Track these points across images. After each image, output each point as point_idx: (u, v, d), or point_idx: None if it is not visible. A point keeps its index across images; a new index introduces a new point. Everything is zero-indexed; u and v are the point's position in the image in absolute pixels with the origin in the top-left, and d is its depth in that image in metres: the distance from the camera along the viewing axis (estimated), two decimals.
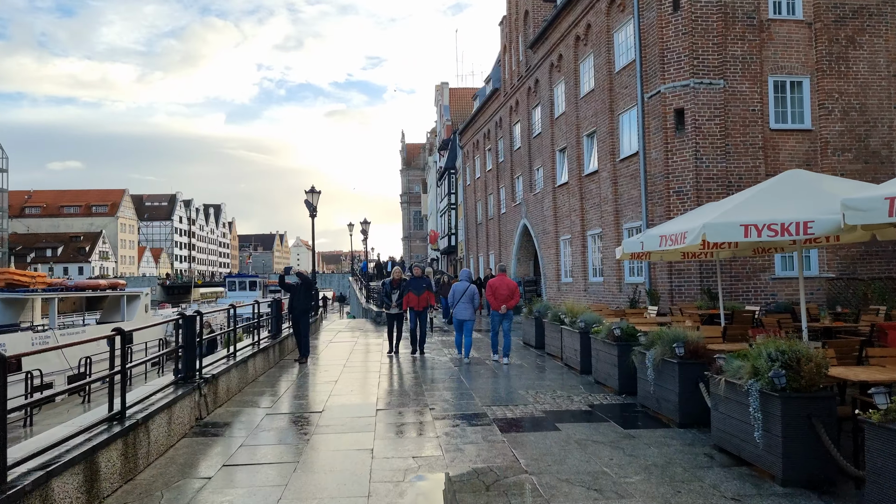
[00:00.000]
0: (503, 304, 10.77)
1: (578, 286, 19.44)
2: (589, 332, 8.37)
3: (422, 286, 11.80)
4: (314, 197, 16.32)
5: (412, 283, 11.80)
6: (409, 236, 76.88)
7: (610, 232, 17.17)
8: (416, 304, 11.68)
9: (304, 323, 11.19)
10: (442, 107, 51.31)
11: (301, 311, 11.16)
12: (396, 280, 12.13)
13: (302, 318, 11.17)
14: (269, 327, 11.67)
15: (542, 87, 22.64)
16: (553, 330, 10.41)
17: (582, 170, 19.23)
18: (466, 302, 11.27)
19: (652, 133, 14.93)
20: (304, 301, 11.12)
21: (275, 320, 11.95)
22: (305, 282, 11.17)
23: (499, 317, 10.92)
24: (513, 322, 11.18)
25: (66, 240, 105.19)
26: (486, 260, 31.43)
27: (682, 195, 14.12)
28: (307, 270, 11.45)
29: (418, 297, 11.64)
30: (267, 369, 9.96)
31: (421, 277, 12.05)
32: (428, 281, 12.13)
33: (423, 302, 11.73)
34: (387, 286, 12.14)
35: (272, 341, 11.08)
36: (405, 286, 11.87)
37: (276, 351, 11.05)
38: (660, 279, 14.45)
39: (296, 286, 11.29)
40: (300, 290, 11.21)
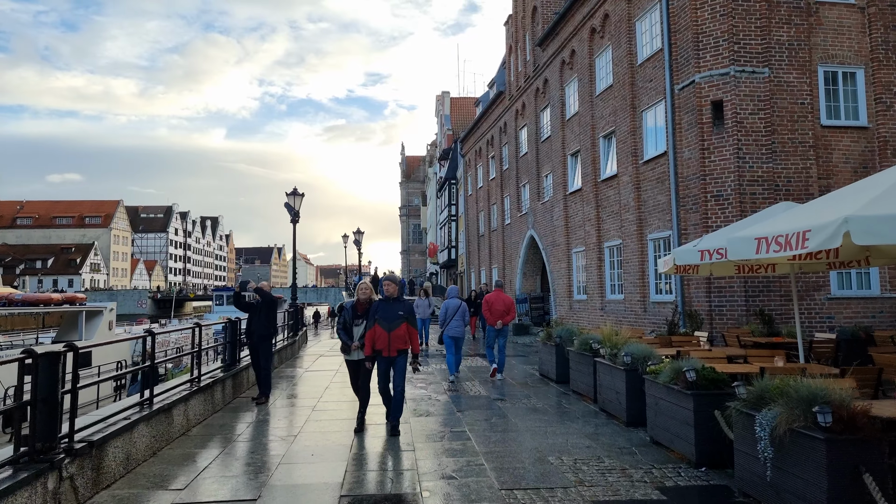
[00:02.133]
0: (499, 319, 10.77)
1: (594, 304, 17.43)
2: (640, 372, 6.34)
3: (396, 314, 6.83)
4: (296, 200, 14.40)
5: (380, 310, 6.90)
6: (407, 250, 75.00)
7: (631, 243, 15.20)
8: (384, 346, 6.74)
9: (265, 351, 8.66)
10: (443, 116, 49.65)
11: (260, 337, 8.62)
12: (363, 303, 7.15)
13: (262, 344, 8.61)
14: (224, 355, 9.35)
15: (552, 87, 20.81)
16: (582, 362, 8.37)
17: (598, 174, 17.32)
18: (458, 319, 11.12)
19: (684, 130, 13.03)
20: (266, 324, 8.69)
21: (230, 347, 9.29)
22: (266, 300, 8.83)
23: (495, 332, 10.99)
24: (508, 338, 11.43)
25: (58, 251, 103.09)
26: (489, 274, 29.41)
27: (722, 200, 12.18)
28: (269, 285, 9.10)
29: (388, 332, 6.74)
30: (209, 415, 7.42)
31: (397, 300, 7.02)
32: (407, 306, 7.04)
33: (397, 342, 6.79)
34: (346, 313, 7.30)
35: (225, 374, 8.57)
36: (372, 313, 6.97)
37: (227, 387, 8.46)
38: (696, 297, 12.45)
39: (255, 305, 8.83)
40: (260, 309, 8.74)
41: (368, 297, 7.21)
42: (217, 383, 7.88)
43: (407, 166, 77.54)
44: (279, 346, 12.88)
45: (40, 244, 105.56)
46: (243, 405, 8.33)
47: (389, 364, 6.90)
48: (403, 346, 6.86)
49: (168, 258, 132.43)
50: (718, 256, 7.01)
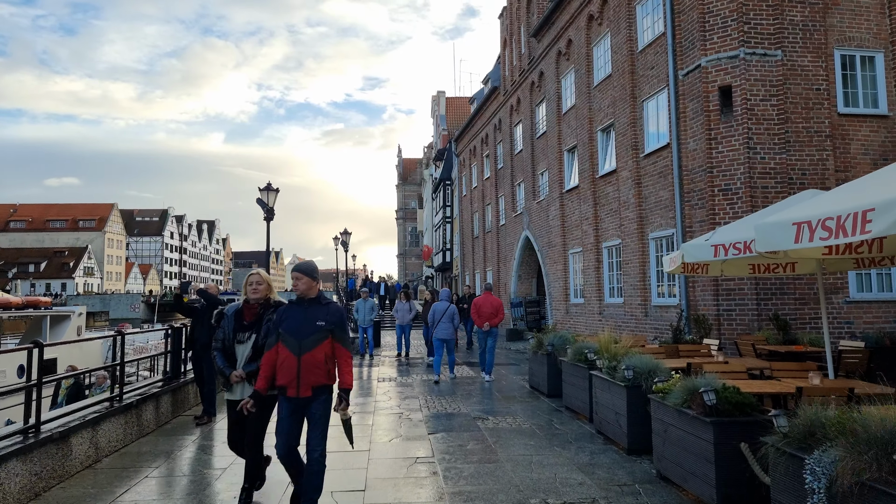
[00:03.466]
0: (486, 321, 11.03)
1: (591, 308, 16.35)
2: (644, 389, 5.26)
3: (313, 325, 4.15)
4: (270, 196, 13.33)
5: (287, 319, 4.21)
6: (404, 253, 73.96)
7: (632, 243, 14.14)
8: (289, 379, 4.11)
9: (210, 363, 7.20)
10: (438, 116, 48.67)
11: (204, 346, 7.30)
12: (252, 307, 4.64)
13: (206, 355, 7.27)
14: (167, 367, 8.12)
15: (548, 80, 19.78)
16: (576, 375, 7.25)
17: (596, 170, 16.27)
18: (447, 322, 11.26)
19: (689, 119, 12.00)
20: (210, 331, 7.53)
21: (173, 357, 7.97)
22: (211, 303, 7.52)
23: (483, 334, 11.20)
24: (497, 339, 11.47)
25: (51, 255, 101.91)
26: (484, 277, 28.33)
27: (731, 194, 11.13)
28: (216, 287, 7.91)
29: (298, 355, 4.10)
30: (131, 440, 6.17)
31: (316, 303, 4.27)
32: (334, 313, 4.25)
33: (312, 372, 4.13)
34: (226, 324, 4.67)
35: (164, 388, 7.27)
36: (274, 324, 4.28)
37: (163, 405, 7.17)
38: (702, 301, 11.39)
39: (198, 309, 7.52)
40: (203, 315, 7.37)
41: (263, 297, 4.56)
42: (148, 401, 6.71)
43: (403, 169, 76.65)
44: None
45: (33, 248, 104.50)
46: (181, 427, 7.15)
47: (298, 411, 4.10)
48: (324, 381, 4.08)
49: (163, 262, 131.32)
50: (736, 252, 5.95)
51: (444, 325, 11.15)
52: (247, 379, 4.52)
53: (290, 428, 4.16)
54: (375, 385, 10.53)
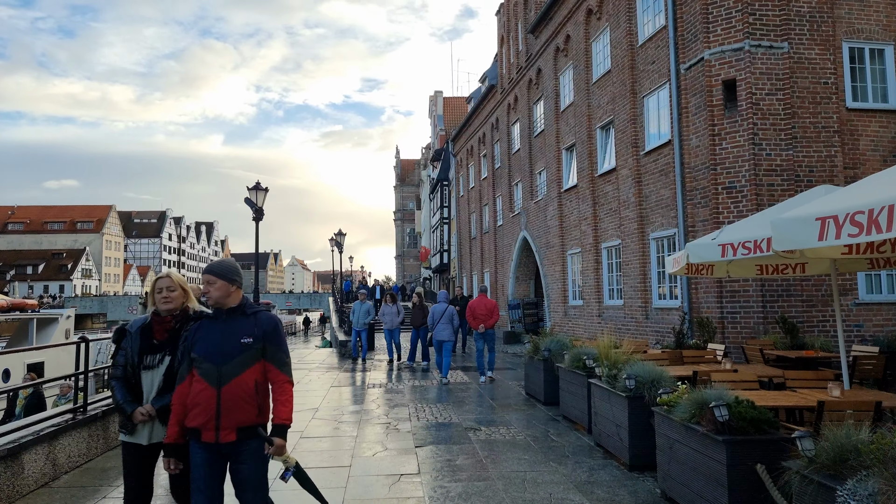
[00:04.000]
0: (482, 323, 11.20)
1: (590, 310, 15.90)
2: (648, 401, 4.82)
3: (235, 344, 3.06)
4: (258, 195, 12.87)
5: (201, 338, 3.12)
6: (402, 255, 73.54)
7: (632, 243, 13.71)
8: (206, 419, 2.99)
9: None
10: (436, 117, 48.28)
11: None
12: (164, 323, 3.38)
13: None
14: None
15: (546, 77, 19.36)
16: (574, 383, 6.79)
17: (595, 169, 15.84)
18: (446, 323, 11.33)
19: (691, 114, 11.57)
20: None
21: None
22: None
23: (480, 336, 11.35)
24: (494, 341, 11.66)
25: (49, 257, 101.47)
26: (481, 279, 27.89)
27: (735, 192, 10.70)
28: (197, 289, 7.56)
29: (218, 386, 3.01)
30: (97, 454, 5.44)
31: (239, 313, 3.17)
32: (264, 324, 3.14)
33: (238, 408, 3.01)
34: (128, 344, 3.39)
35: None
36: (187, 343, 3.18)
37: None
38: (705, 303, 10.95)
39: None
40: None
41: (178, 308, 3.37)
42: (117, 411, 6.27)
43: (402, 170, 76.28)
44: None
45: (31, 250, 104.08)
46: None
47: (220, 461, 3.07)
48: (254, 418, 3.03)
49: (162, 264, 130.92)
50: (745, 251, 5.52)
51: (443, 327, 11.28)
52: (157, 417, 3.23)
53: (210, 484, 2.99)
54: (365, 392, 10.10)
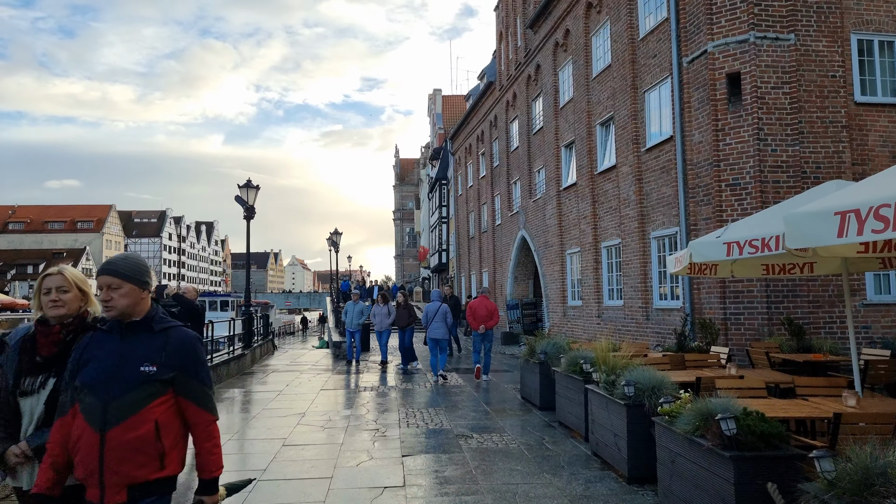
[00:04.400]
0: (482, 323, 11.33)
1: (590, 311, 15.56)
2: (648, 409, 4.47)
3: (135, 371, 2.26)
4: (250, 193, 12.52)
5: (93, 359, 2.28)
6: (401, 255, 73.22)
7: (632, 242, 13.36)
8: (89, 471, 2.20)
9: None
10: (435, 115, 47.95)
11: None
12: (51, 335, 2.49)
13: None
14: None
15: (545, 73, 19.01)
16: (571, 388, 6.45)
17: (594, 166, 15.50)
18: (440, 321, 11.46)
19: (693, 109, 11.22)
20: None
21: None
22: (188, 309, 7.04)
23: (479, 336, 11.44)
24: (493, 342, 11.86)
25: (49, 256, 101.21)
26: (479, 278, 27.55)
27: (739, 189, 10.35)
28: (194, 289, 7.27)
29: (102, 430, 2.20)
30: None
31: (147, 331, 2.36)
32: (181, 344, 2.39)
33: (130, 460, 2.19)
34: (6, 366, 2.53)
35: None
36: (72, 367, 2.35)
37: None
38: (707, 304, 10.60)
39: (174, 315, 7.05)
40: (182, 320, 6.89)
41: (72, 314, 2.56)
42: None
43: (401, 169, 75.98)
44: (216, 361, 10.97)
45: (32, 249, 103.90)
46: None
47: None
48: (150, 473, 2.23)
49: (162, 263, 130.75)
50: (752, 250, 5.17)
51: (437, 325, 11.40)
52: (36, 457, 2.46)
53: None
54: (355, 395, 9.76)
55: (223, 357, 11.67)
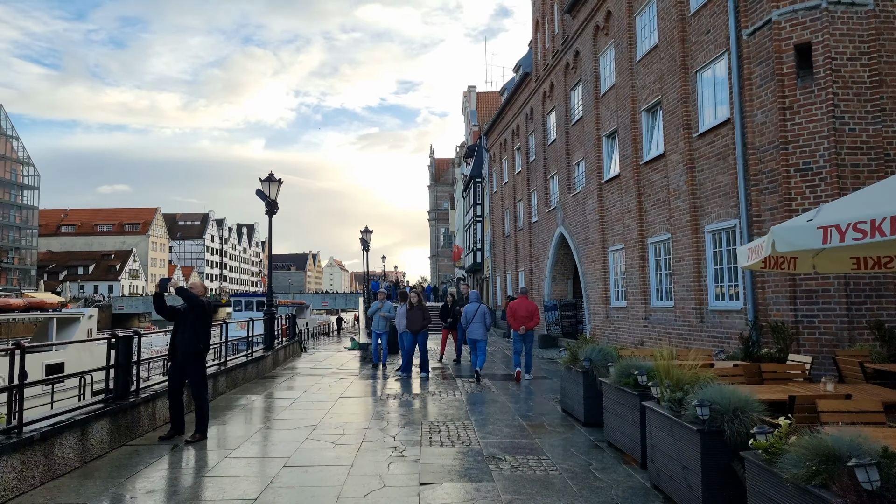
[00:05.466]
0: (522, 324, 11.37)
1: (636, 312, 14.37)
2: (731, 440, 3.44)
3: None
4: (271, 187, 11.85)
5: None
6: (436, 255, 72.55)
7: (683, 237, 12.16)
8: None
9: (194, 374, 6.52)
10: (469, 112, 47.04)
11: (186, 355, 6.48)
12: None
13: (189, 365, 6.50)
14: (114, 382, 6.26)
15: (584, 60, 17.87)
16: (622, 404, 5.40)
17: (639, 156, 14.31)
18: (479, 322, 11.52)
19: (755, 87, 10.00)
20: (193, 337, 6.44)
21: (121, 372, 6.40)
22: (193, 305, 6.45)
23: (520, 337, 11.53)
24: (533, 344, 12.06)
25: (98, 258, 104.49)
26: (515, 279, 26.48)
27: (812, 174, 9.11)
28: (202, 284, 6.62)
29: None
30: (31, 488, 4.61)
31: None
32: None
33: None
34: None
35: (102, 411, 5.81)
36: None
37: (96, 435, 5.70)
38: (774, 304, 9.38)
39: (180, 311, 6.57)
40: (186, 318, 6.50)
41: None
42: (66, 431, 5.21)
43: (436, 169, 75.39)
44: (231, 364, 10.32)
45: (82, 251, 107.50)
46: (120, 461, 5.62)
47: None
48: None
49: (204, 264, 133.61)
50: (858, 236, 4.10)
51: (476, 326, 11.44)
52: None
53: None
54: (376, 404, 8.92)
55: (240, 360, 10.93)
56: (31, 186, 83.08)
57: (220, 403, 8.82)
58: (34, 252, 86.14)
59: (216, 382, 9.30)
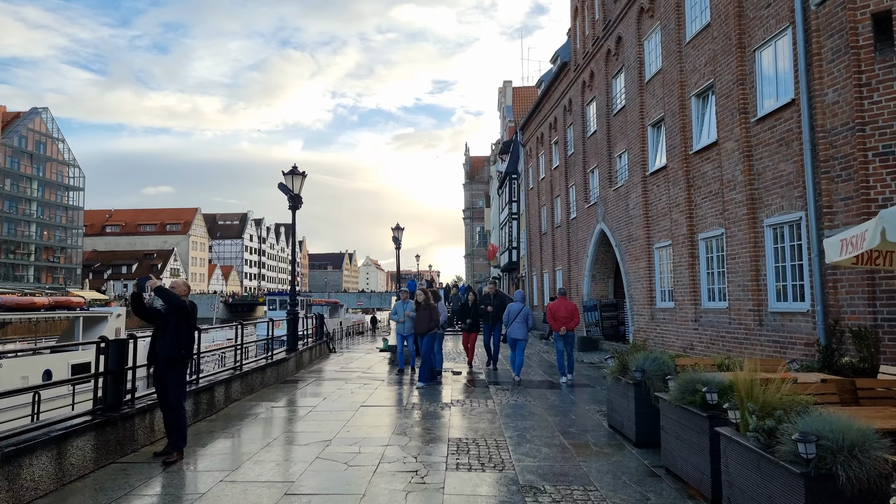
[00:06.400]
0: (563, 325, 11.33)
1: (684, 314, 13.29)
2: (846, 489, 2.59)
3: None
4: (294, 181, 11.23)
5: None
6: (471, 254, 71.77)
7: (739, 232, 11.07)
8: None
9: (174, 382, 5.81)
10: (505, 108, 46.08)
11: (165, 361, 5.79)
12: None
13: (168, 372, 5.80)
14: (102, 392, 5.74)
15: (627, 45, 16.81)
16: (685, 425, 4.48)
17: (688, 145, 13.23)
18: (521, 322, 11.39)
19: (826, 63, 8.89)
20: (174, 341, 5.76)
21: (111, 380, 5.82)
22: (174, 305, 5.81)
23: (561, 338, 11.51)
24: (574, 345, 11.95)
25: (141, 257, 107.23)
26: (553, 278, 25.46)
27: (894, 159, 7.97)
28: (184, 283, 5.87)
29: None
30: None
31: None
32: None
33: None
34: None
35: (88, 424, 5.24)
36: None
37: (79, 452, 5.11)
38: (848, 306, 8.27)
39: (160, 313, 5.92)
40: (167, 321, 5.83)
41: None
42: (39, 450, 4.62)
43: (471, 167, 74.63)
44: (250, 367, 9.68)
45: (126, 250, 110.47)
46: (106, 481, 5.04)
47: None
48: None
49: (243, 264, 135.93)
50: None
51: (517, 326, 11.36)
52: None
53: None
54: (398, 416, 8.12)
55: (259, 363, 10.31)
56: (76, 188, 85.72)
57: (232, 412, 8.20)
58: (79, 251, 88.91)
59: (229, 388, 8.68)
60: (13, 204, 74.36)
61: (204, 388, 7.70)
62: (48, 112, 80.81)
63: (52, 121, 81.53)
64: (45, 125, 79.82)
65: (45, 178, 79.56)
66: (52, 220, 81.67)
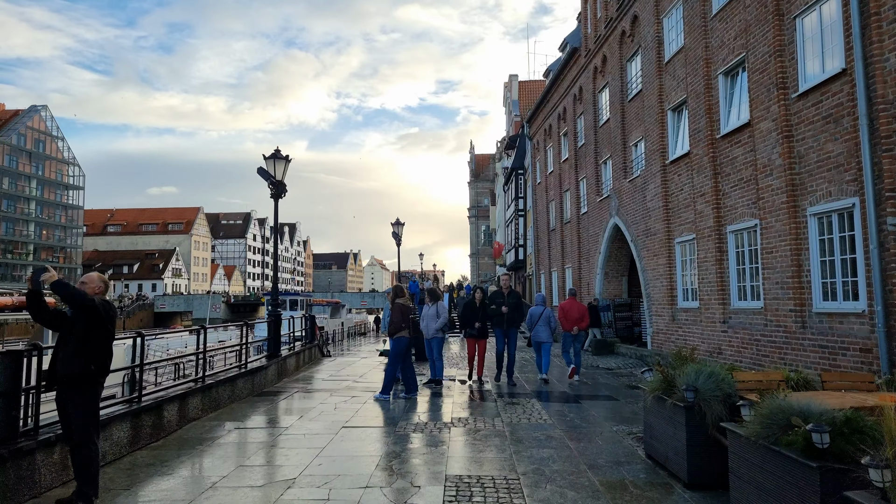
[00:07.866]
0: (574, 325, 11.69)
1: (711, 314, 12.05)
2: None
3: None
4: (277, 166, 10.05)
5: None
6: (477, 253, 70.63)
7: (777, 223, 9.83)
8: None
9: (81, 410, 4.50)
10: (511, 103, 44.86)
11: (67, 379, 4.49)
12: None
13: (73, 396, 4.50)
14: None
15: (644, 24, 15.57)
16: (780, 476, 3.04)
17: (715, 129, 11.99)
18: (544, 325, 11.41)
19: (886, 24, 7.66)
20: (80, 351, 4.46)
21: (3, 404, 4.53)
22: (83, 306, 4.48)
23: (571, 337, 11.80)
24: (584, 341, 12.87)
25: (143, 257, 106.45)
26: (561, 276, 24.22)
27: None
28: (100, 279, 4.62)
29: None
30: None
31: None
32: None
33: None
34: None
35: None
36: None
37: None
38: None
39: (66, 317, 4.61)
40: (73, 326, 4.53)
41: None
42: None
43: (476, 165, 73.51)
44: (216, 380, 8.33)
45: (128, 250, 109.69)
46: None
47: None
48: None
49: (246, 263, 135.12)
50: None
51: (541, 328, 11.41)
52: None
53: None
54: (386, 440, 6.72)
55: (229, 373, 8.89)
56: (76, 186, 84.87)
57: (186, 435, 6.82)
58: (79, 251, 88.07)
59: (185, 406, 7.31)
60: (11, 203, 73.57)
61: (148, 408, 6.39)
62: (47, 110, 79.99)
63: (51, 119, 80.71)
64: (44, 123, 79.02)
65: (44, 177, 78.74)
66: (52, 219, 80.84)
